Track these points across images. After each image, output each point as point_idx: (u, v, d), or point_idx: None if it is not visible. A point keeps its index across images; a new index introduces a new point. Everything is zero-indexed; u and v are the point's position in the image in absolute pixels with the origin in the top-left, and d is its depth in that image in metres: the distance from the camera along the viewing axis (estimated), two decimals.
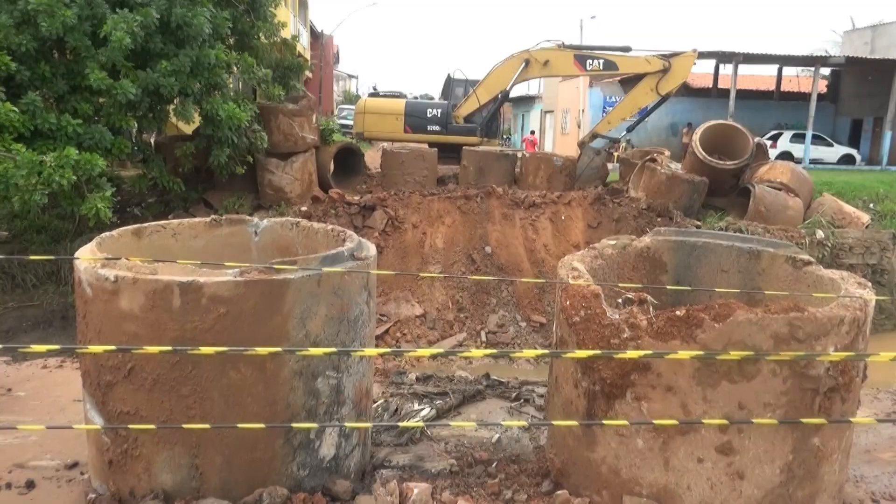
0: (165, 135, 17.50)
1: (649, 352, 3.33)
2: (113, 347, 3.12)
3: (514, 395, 5.40)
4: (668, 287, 4.23)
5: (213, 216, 4.63)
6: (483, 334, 13.22)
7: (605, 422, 3.37)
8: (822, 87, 26.91)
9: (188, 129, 15.63)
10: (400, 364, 12.17)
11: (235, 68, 14.50)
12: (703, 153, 15.61)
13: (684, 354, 3.20)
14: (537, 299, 13.89)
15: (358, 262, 3.79)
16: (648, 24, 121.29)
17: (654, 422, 3.36)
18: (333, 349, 2.99)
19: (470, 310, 13.63)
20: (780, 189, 15.37)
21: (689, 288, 4.32)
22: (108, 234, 4.06)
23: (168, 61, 12.84)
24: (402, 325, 13.17)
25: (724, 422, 3.34)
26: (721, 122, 16.59)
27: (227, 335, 3.34)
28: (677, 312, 3.44)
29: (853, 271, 15.16)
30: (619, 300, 3.76)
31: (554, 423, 3.16)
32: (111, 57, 12.18)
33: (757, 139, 16.81)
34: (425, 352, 2.83)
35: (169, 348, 3.06)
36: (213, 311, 3.30)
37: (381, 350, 3.35)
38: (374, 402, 4.88)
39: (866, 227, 15.51)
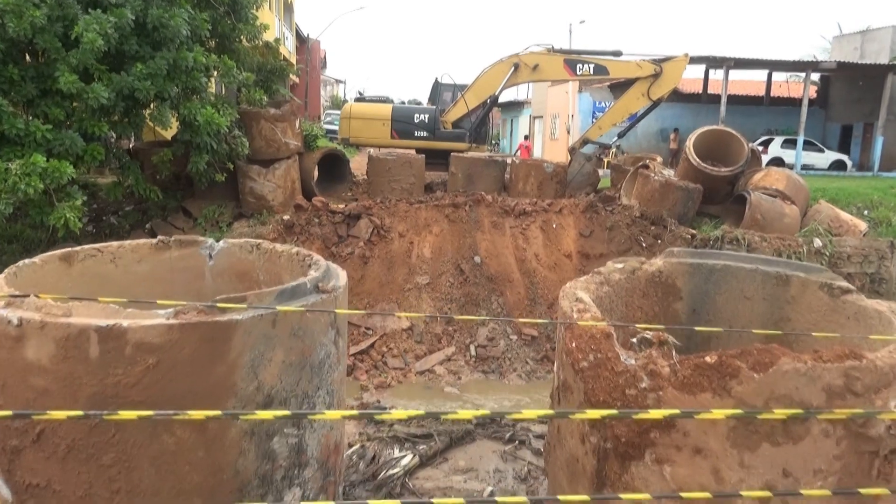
0: (143, 140, 16.81)
1: (676, 411, 2.70)
2: (9, 413, 2.46)
3: (507, 435, 4.75)
4: (699, 329, 3.58)
5: (160, 237, 3.97)
6: (472, 348, 12.58)
7: (622, 496, 2.75)
8: (811, 92, 26.43)
9: (169, 134, 14.95)
10: (384, 383, 11.52)
11: (215, 72, 13.82)
12: (698, 159, 15.03)
13: (718, 413, 2.58)
14: (529, 311, 13.25)
15: (323, 295, 3.14)
16: (637, 29, 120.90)
17: (682, 494, 2.73)
18: (286, 412, 2.36)
19: (458, 322, 12.99)
20: (775, 196, 14.83)
21: (723, 328, 3.69)
22: (27, 261, 3.38)
23: (143, 64, 12.17)
24: (388, 339, 12.51)
25: (767, 493, 2.73)
26: (715, 127, 16.03)
27: (158, 391, 2.68)
28: (707, 359, 2.82)
29: (851, 280, 14.63)
30: (634, 339, 3.14)
31: (560, 498, 2.56)
32: (83, 59, 11.51)
33: (750, 145, 16.26)
34: (402, 414, 2.33)
35: (80, 413, 2.41)
36: (141, 361, 2.64)
37: (347, 413, 2.68)
38: (349, 446, 4.23)
39: (864, 234, 14.98)
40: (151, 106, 13.13)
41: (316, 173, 16.13)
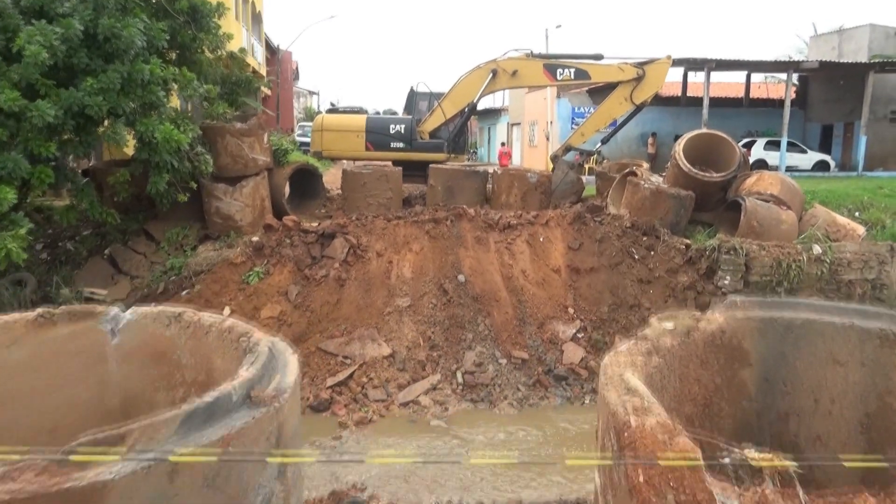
0: (103, 159, 15.59)
1: None
2: None
3: None
4: (845, 460, 2.50)
5: (43, 308, 2.84)
6: (459, 375, 11.46)
7: None
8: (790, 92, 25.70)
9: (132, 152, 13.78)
10: (365, 419, 10.37)
11: (175, 85, 12.63)
12: (688, 165, 14.06)
13: None
14: (517, 332, 12.17)
15: (260, 410, 2.04)
16: (614, 32, 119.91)
17: None
18: None
19: (443, 347, 11.87)
20: (769, 201, 13.92)
21: (872, 462, 2.61)
22: None
23: (95, 78, 11.00)
24: (368, 369, 11.35)
25: None
26: (704, 131, 15.09)
27: None
28: None
29: (852, 287, 13.75)
30: (727, 459, 2.09)
31: None
32: (25, 74, 10.37)
33: (741, 149, 15.34)
34: None
35: None
36: None
37: None
38: None
39: (862, 239, 14.11)
40: (105, 123, 11.96)
41: (287, 189, 14.98)
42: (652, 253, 13.15)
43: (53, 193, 15.05)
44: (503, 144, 34.21)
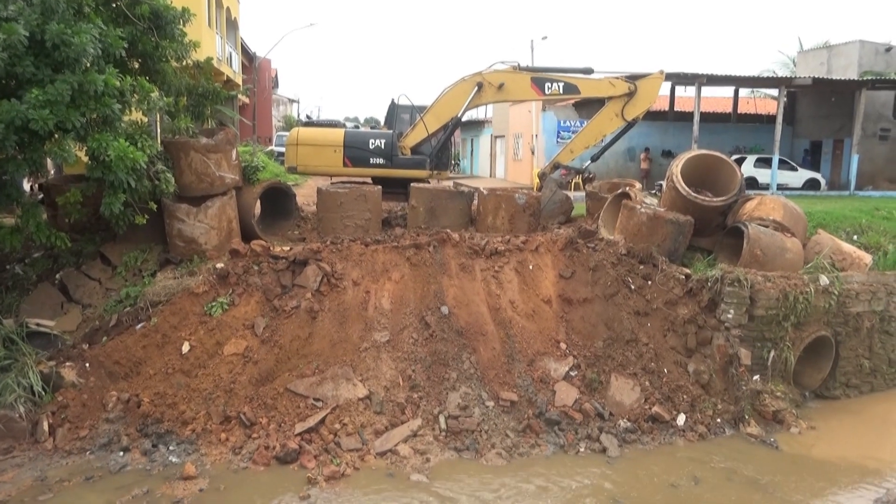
0: (59, 173, 14.23)
1: None
2: None
3: None
4: None
5: None
6: (442, 419, 10.22)
7: None
8: (776, 108, 24.78)
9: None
10: (337, 472, 9.10)
11: (134, 96, 11.31)
12: (687, 189, 12.97)
13: None
14: (506, 370, 10.97)
15: None
16: (599, 44, 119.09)
17: None
18: None
19: (425, 387, 10.63)
20: (770, 227, 12.87)
21: None
22: None
23: (41, 89, 9.69)
24: (341, 413, 10.09)
25: None
26: (702, 152, 13.97)
27: None
28: None
29: (860, 320, 12.71)
30: None
31: None
32: None
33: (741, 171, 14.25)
34: None
35: None
36: None
37: None
38: None
39: (868, 268, 13.12)
40: (53, 138, 10.64)
41: (258, 209, 13.70)
42: (649, 283, 12.04)
43: (7, 210, 13.65)
44: None
